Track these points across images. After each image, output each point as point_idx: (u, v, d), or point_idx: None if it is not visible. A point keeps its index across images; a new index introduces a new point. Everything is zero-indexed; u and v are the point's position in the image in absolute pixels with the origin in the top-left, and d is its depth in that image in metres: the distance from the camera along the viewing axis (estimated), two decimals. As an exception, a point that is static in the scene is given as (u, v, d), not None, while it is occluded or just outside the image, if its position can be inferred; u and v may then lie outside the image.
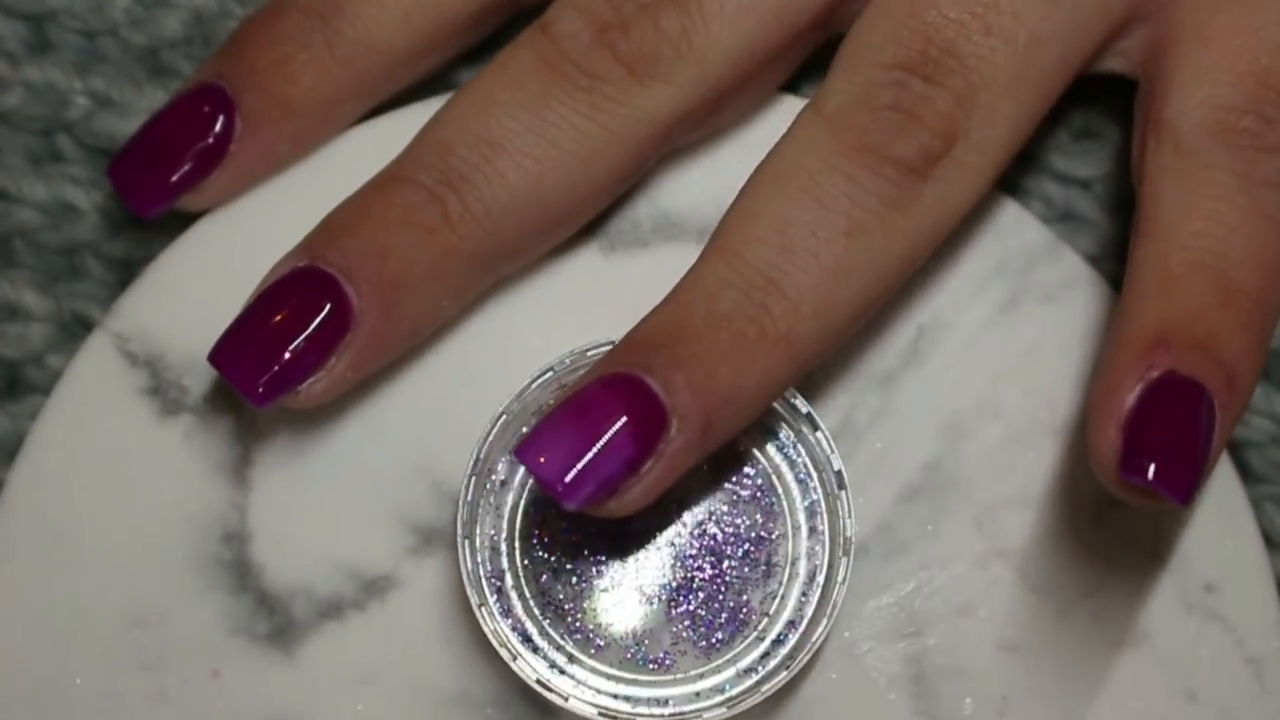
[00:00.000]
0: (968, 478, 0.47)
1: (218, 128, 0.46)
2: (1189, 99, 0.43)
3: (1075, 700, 0.46)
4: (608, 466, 0.41)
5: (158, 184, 0.46)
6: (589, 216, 0.46)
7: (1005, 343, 0.47)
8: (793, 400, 0.45)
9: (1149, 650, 0.46)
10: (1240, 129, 0.43)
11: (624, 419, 0.41)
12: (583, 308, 0.47)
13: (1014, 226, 0.48)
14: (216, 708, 0.46)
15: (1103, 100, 0.49)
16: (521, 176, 0.44)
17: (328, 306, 0.44)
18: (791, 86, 0.48)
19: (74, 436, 0.47)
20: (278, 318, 0.44)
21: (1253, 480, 0.48)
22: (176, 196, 0.46)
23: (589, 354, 0.44)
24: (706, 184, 0.47)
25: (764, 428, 0.46)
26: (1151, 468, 0.41)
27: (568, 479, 0.41)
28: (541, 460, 0.41)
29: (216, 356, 0.44)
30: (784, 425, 0.46)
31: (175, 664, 0.46)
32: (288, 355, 0.44)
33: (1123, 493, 0.42)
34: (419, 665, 0.46)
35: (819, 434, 0.45)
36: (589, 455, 0.41)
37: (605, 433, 0.41)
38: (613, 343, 0.44)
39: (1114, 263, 0.49)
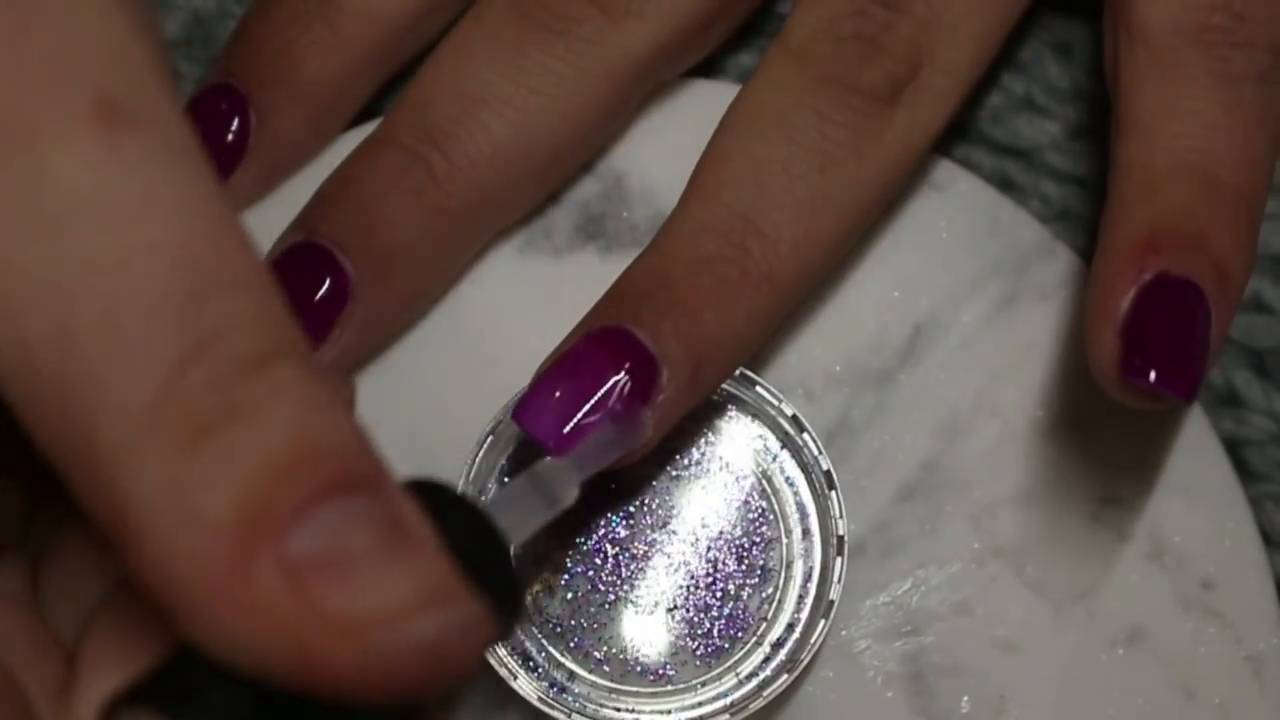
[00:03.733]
0: (965, 476, 0.47)
1: (234, 125, 0.46)
2: (1159, 1, 0.43)
3: (1073, 698, 0.46)
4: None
5: None
6: (582, 160, 0.47)
7: (1002, 341, 0.47)
8: (779, 403, 0.45)
9: (1147, 648, 0.46)
10: (1212, 26, 0.42)
11: (615, 374, 0.42)
12: (581, 308, 0.47)
13: (1011, 225, 0.48)
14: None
15: (1101, 97, 0.49)
16: (503, 126, 0.44)
17: (325, 280, 0.44)
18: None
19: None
20: None
21: (1251, 479, 0.48)
22: None
23: None
24: (702, 184, 0.47)
25: (751, 433, 0.46)
26: (1151, 369, 0.40)
27: (567, 443, 0.41)
28: (538, 426, 0.41)
29: None
30: (771, 429, 0.46)
31: (176, 663, 0.46)
32: None
33: (1126, 397, 0.41)
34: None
35: (805, 436, 0.45)
36: (585, 415, 0.41)
37: (598, 390, 0.42)
38: None
39: (1111, 261, 0.49)
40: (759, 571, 0.45)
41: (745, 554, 0.45)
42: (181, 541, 0.27)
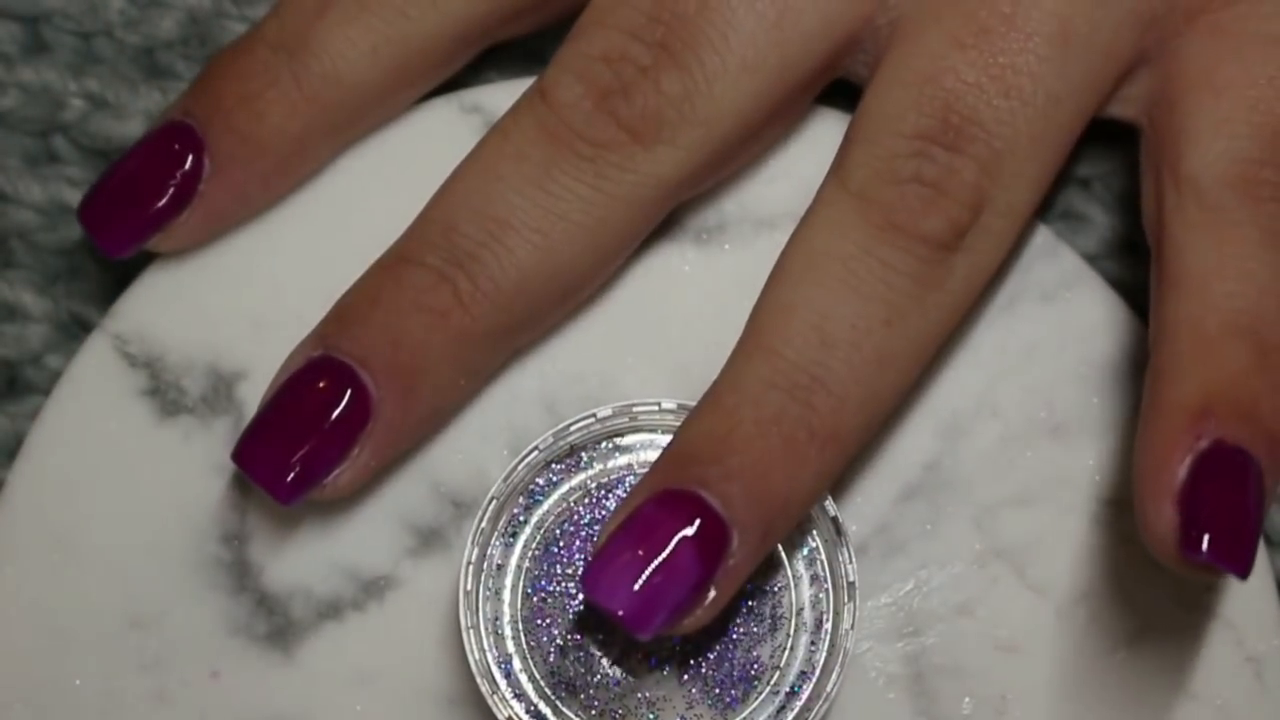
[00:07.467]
0: (966, 477, 0.47)
1: (187, 167, 0.45)
2: (1208, 152, 0.42)
3: (1074, 699, 0.46)
4: (677, 593, 0.41)
5: (127, 224, 0.45)
6: (603, 280, 0.46)
7: (1004, 342, 0.47)
8: None
9: (1148, 649, 0.46)
10: (1261, 180, 0.42)
11: (687, 541, 0.41)
12: (578, 313, 0.47)
13: (1013, 225, 0.48)
14: (216, 708, 0.46)
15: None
16: (530, 252, 0.43)
17: (346, 398, 0.43)
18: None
19: (74, 437, 0.47)
20: (297, 413, 0.43)
21: (1252, 479, 0.48)
22: (146, 237, 0.46)
23: (572, 429, 0.44)
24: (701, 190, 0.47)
25: None
26: (1209, 545, 0.40)
27: (639, 613, 0.41)
28: (611, 597, 0.41)
29: (239, 456, 0.44)
30: None
31: (175, 665, 0.46)
32: (310, 452, 0.43)
33: (1179, 568, 0.41)
34: (418, 665, 0.46)
35: None
36: (658, 584, 0.41)
37: (671, 559, 0.41)
38: (593, 415, 0.44)
39: (1113, 262, 0.49)
40: (769, 620, 0.45)
41: (754, 603, 0.45)
42: None
